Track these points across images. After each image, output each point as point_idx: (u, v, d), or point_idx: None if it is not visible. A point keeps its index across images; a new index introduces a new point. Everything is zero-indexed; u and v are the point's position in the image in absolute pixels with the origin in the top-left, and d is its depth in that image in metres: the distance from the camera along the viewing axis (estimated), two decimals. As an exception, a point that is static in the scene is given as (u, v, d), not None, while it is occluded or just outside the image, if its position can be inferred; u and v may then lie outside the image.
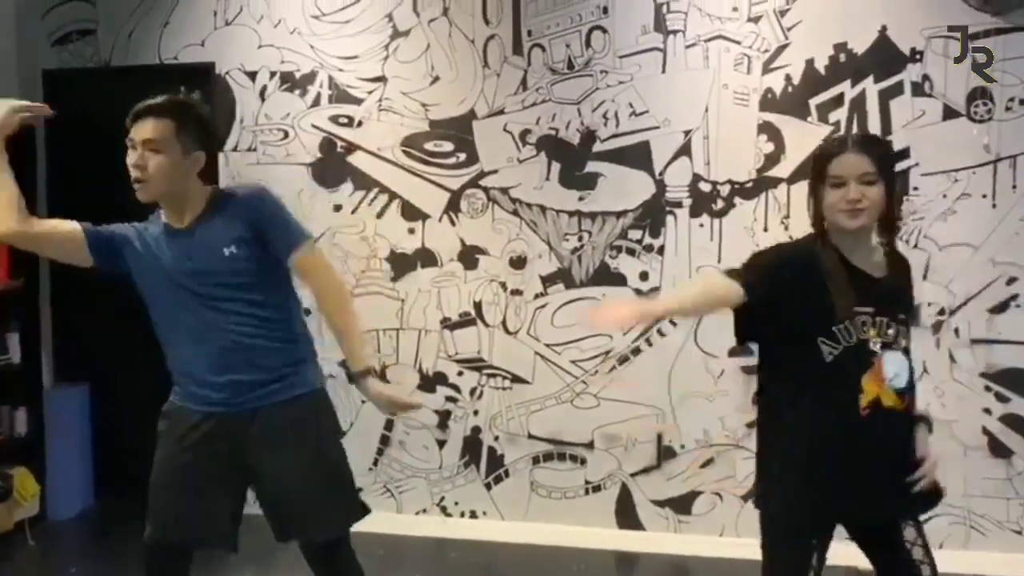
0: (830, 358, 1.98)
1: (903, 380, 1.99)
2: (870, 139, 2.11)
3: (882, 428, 1.99)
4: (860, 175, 1.97)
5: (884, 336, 2.00)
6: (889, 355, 1.99)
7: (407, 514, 4.01)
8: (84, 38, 4.22)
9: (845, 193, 1.97)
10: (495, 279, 3.92)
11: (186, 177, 2.26)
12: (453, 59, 3.88)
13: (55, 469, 4.11)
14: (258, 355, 2.25)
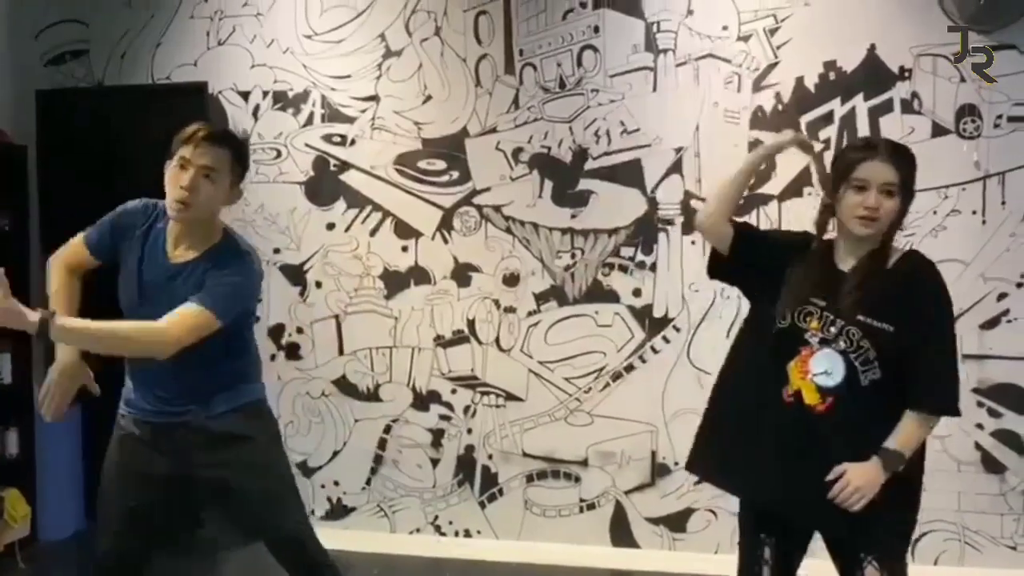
0: (773, 331, 2.04)
1: (831, 380, 1.96)
2: (900, 150, 2.06)
3: (798, 423, 1.99)
4: (884, 183, 1.98)
5: (825, 332, 1.99)
6: (824, 352, 1.98)
7: (401, 533, 3.99)
8: (77, 58, 4.23)
9: (866, 198, 1.98)
10: (488, 296, 3.92)
11: (218, 208, 2.30)
12: (445, 78, 3.90)
13: (46, 490, 4.07)
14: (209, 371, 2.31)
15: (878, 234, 2.02)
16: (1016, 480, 3.53)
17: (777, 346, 2.04)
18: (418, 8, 3.90)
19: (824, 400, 1.98)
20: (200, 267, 2.26)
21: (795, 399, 2.01)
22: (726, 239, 2.19)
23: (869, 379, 1.97)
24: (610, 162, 3.78)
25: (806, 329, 2.01)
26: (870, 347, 1.96)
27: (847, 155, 2.07)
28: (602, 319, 3.83)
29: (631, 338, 3.81)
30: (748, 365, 2.14)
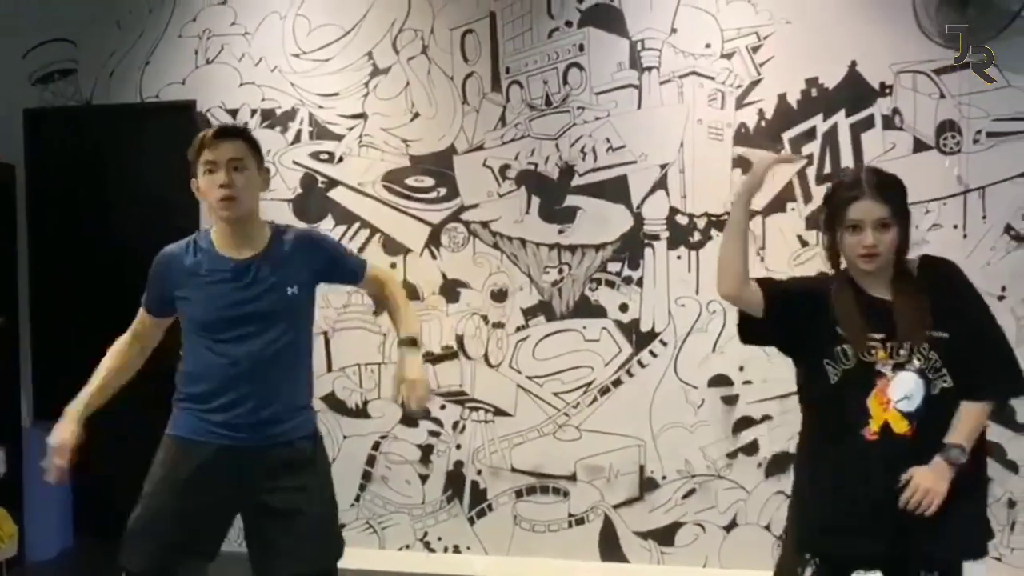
0: (835, 379, 2.03)
1: (913, 404, 1.97)
2: (885, 183, 2.06)
3: (891, 455, 1.98)
4: (876, 220, 2.01)
5: (895, 357, 1.99)
6: (900, 376, 1.98)
7: (390, 550, 3.99)
8: (66, 77, 4.25)
9: (863, 238, 2.01)
10: (477, 312, 3.94)
11: (258, 196, 2.35)
12: (433, 96, 3.93)
13: (33, 509, 4.05)
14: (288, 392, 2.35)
15: (884, 265, 2.05)
16: (1001, 491, 3.55)
17: (844, 390, 2.03)
18: (405, 27, 3.94)
19: (911, 424, 1.99)
20: (268, 264, 2.29)
21: (881, 433, 2.00)
22: (756, 303, 2.13)
23: (940, 388, 2.00)
24: (596, 178, 3.82)
25: (875, 361, 2.01)
26: (938, 357, 1.99)
27: (837, 196, 2.09)
28: (590, 334, 3.85)
29: (618, 352, 3.83)
30: (818, 422, 2.11)
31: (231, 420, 2.30)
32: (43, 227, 4.30)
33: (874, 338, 2.02)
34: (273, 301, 2.29)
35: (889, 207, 2.02)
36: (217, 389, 2.31)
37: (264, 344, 2.29)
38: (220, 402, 2.31)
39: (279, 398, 2.32)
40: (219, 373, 2.30)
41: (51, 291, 4.32)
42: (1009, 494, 3.55)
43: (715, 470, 3.74)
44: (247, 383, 2.29)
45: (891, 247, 2.03)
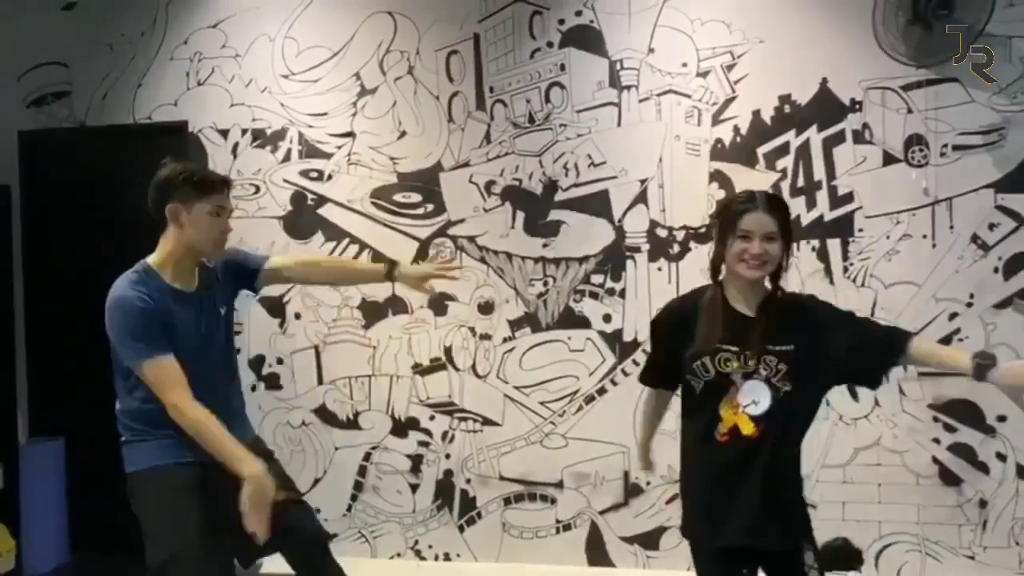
0: (698, 391, 2.25)
1: (760, 408, 2.15)
2: (776, 201, 2.28)
3: (738, 454, 2.17)
4: (765, 233, 2.20)
5: (745, 367, 2.18)
6: (748, 384, 2.17)
7: (382, 558, 4.07)
8: (59, 99, 4.34)
9: (751, 247, 2.20)
10: (464, 324, 4.04)
11: None
12: (419, 115, 4.04)
13: (30, 524, 4.12)
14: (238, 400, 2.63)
15: (765, 276, 2.24)
16: (972, 492, 3.67)
17: (705, 397, 2.23)
18: (392, 48, 4.05)
19: (758, 427, 2.17)
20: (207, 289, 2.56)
21: (730, 435, 2.19)
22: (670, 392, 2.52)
23: (783, 392, 2.18)
24: (579, 193, 3.93)
25: (729, 372, 2.20)
26: (784, 367, 2.18)
27: (731, 208, 2.27)
28: (574, 344, 3.96)
29: (603, 362, 3.93)
30: (687, 430, 2.35)
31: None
32: (38, 247, 4.37)
33: (730, 350, 2.20)
34: (225, 324, 2.59)
35: (777, 223, 2.21)
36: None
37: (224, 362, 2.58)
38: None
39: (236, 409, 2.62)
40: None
41: (46, 310, 4.39)
42: (980, 494, 3.66)
43: (697, 475, 3.84)
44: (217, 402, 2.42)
45: (775, 258, 2.21)
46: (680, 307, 2.39)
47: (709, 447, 2.23)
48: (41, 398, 4.39)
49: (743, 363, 2.19)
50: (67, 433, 4.34)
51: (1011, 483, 3.64)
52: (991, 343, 3.63)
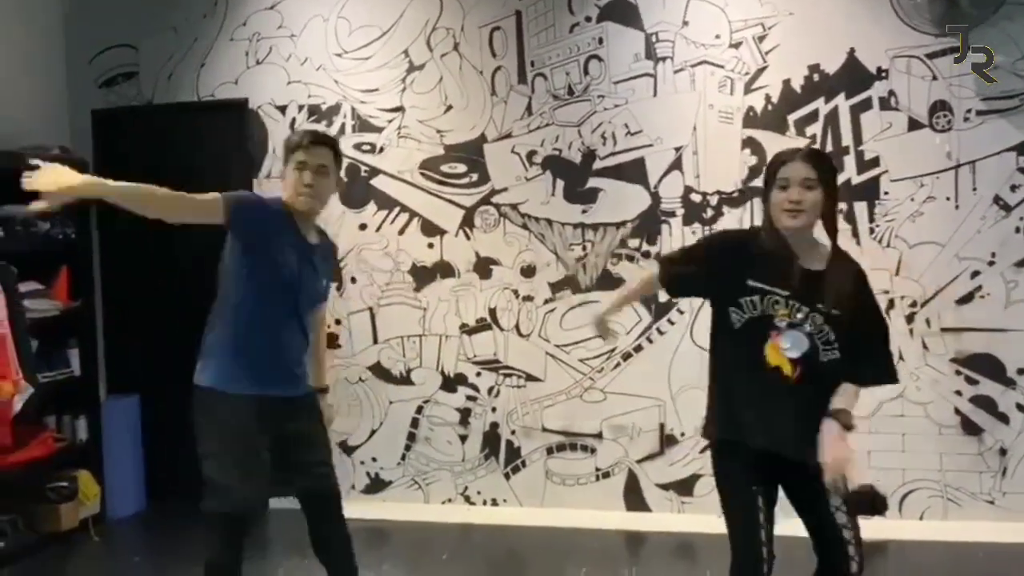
0: (738, 325, 2.31)
1: (795, 352, 2.26)
2: (817, 153, 2.38)
3: (779, 389, 2.29)
4: (802, 179, 2.25)
5: (792, 318, 2.27)
6: (790, 332, 2.27)
7: (434, 503, 4.37)
8: (128, 80, 4.64)
9: (789, 194, 2.26)
10: (508, 287, 4.28)
11: (329, 199, 2.76)
12: (464, 89, 4.27)
13: (112, 473, 4.47)
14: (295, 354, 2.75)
15: (806, 226, 2.28)
16: (992, 441, 3.86)
17: (745, 332, 2.31)
18: (438, 26, 4.28)
19: (795, 371, 2.29)
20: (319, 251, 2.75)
21: (775, 372, 2.30)
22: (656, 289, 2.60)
23: (828, 358, 2.27)
24: (616, 161, 4.14)
25: (775, 315, 2.29)
26: (830, 331, 2.27)
27: (772, 161, 2.35)
28: (612, 305, 4.19)
29: (639, 321, 4.16)
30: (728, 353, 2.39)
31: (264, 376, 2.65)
32: (111, 218, 4.68)
33: (781, 294, 2.26)
34: (315, 285, 2.74)
35: (816, 171, 2.26)
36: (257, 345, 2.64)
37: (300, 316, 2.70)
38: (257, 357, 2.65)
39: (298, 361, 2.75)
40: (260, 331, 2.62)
41: (120, 277, 4.72)
42: (1000, 443, 3.85)
43: (729, 426, 4.06)
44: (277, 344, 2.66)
45: (814, 206, 2.25)
46: (738, 237, 2.47)
47: (751, 373, 2.30)
48: (117, 359, 4.73)
49: (791, 312, 2.25)
50: (141, 390, 4.68)
51: (1030, 432, 3.83)
52: (1011, 299, 3.80)
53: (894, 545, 3.71)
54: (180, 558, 3.90)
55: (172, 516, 4.49)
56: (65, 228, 4.26)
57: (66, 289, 4.29)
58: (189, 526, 4.25)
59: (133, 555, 4.17)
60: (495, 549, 4.03)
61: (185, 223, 2.59)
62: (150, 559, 4.10)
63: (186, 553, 3.94)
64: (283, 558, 3.83)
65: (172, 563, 3.88)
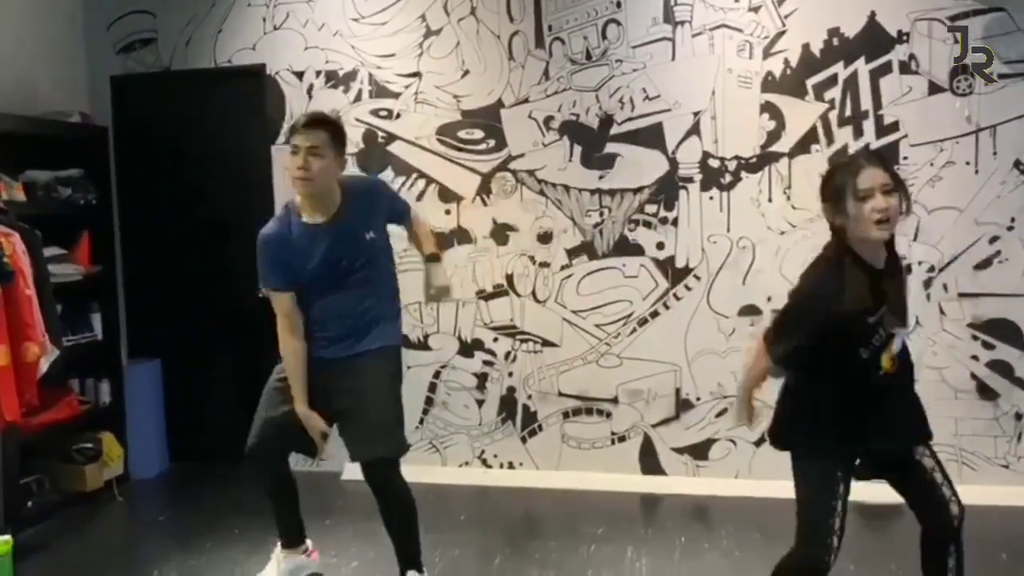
0: (865, 355, 2.26)
1: (899, 347, 2.30)
2: (879, 154, 2.45)
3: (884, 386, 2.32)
4: (882, 185, 2.15)
5: (895, 324, 2.28)
6: (899, 333, 2.30)
7: (451, 466, 4.43)
8: (146, 46, 4.65)
9: (875, 203, 2.13)
10: (525, 253, 4.30)
11: (333, 178, 2.85)
12: (481, 54, 4.26)
13: (135, 435, 4.55)
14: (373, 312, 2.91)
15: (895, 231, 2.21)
16: (1008, 405, 3.87)
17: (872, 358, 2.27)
18: (455, -10, 4.27)
19: (894, 364, 2.31)
20: (345, 219, 2.83)
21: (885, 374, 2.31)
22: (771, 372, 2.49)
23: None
24: (633, 127, 4.13)
25: (887, 326, 2.26)
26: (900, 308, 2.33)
27: (839, 176, 2.22)
28: (629, 271, 4.20)
29: (655, 287, 4.18)
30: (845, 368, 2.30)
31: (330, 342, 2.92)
32: (131, 184, 4.73)
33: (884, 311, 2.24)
34: (367, 248, 2.84)
35: (888, 173, 2.18)
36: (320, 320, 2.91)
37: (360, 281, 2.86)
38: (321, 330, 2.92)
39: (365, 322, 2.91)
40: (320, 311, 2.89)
41: (140, 242, 4.76)
42: (1016, 408, 3.86)
43: (745, 391, 4.09)
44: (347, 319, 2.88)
45: (897, 212, 2.16)
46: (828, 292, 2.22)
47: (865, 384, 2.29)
48: (138, 324, 4.79)
49: (892, 321, 2.26)
50: (163, 355, 4.74)
51: (1046, 397, 3.84)
52: (1030, 264, 3.80)
53: (908, 509, 3.73)
54: (202, 517, 3.99)
55: (194, 477, 4.58)
56: (86, 193, 4.30)
57: (88, 254, 4.34)
58: (210, 486, 4.37)
59: (157, 515, 4.25)
60: (511, 511, 4.08)
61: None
62: (173, 518, 4.17)
63: (208, 512, 4.04)
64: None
65: (194, 522, 3.96)
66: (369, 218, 2.90)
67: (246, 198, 4.50)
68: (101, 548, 3.77)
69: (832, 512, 2.33)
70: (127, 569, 3.50)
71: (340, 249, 2.83)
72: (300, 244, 2.83)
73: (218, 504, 4.13)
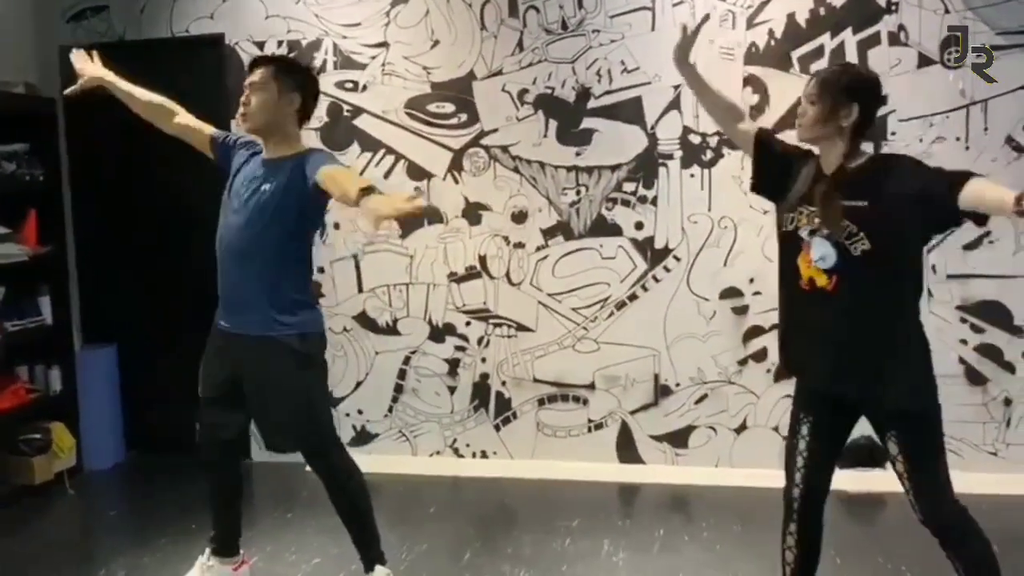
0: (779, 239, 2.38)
1: (828, 263, 2.22)
2: (831, 68, 2.41)
3: (817, 304, 2.26)
4: (807, 95, 2.32)
5: (811, 224, 2.26)
6: (815, 240, 2.25)
7: (422, 456, 4.26)
8: (98, 14, 4.40)
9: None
10: (498, 233, 4.12)
11: (279, 115, 2.71)
12: (452, 23, 4.05)
13: (88, 424, 4.33)
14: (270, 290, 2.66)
15: (807, 136, 2.33)
16: (997, 391, 3.75)
17: (787, 247, 2.35)
18: (424, -45, 4.05)
19: (831, 280, 2.24)
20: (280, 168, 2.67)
21: (810, 286, 2.28)
22: (745, 141, 2.50)
23: (860, 250, 2.18)
24: (611, 100, 3.96)
25: (799, 227, 2.29)
26: (849, 223, 2.19)
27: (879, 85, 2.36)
28: (606, 251, 4.04)
29: (634, 269, 4.02)
30: (780, 270, 2.41)
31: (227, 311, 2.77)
32: (82, 160, 4.49)
33: (800, 208, 2.30)
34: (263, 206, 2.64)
35: (817, 85, 2.29)
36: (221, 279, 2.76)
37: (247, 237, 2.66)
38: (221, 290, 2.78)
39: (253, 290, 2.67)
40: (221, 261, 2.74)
41: (93, 222, 4.53)
42: (1005, 393, 3.75)
43: (726, 376, 3.95)
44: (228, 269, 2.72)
45: (810, 119, 2.29)
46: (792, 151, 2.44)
47: (791, 294, 2.33)
48: (92, 307, 4.57)
49: (809, 220, 2.26)
50: (119, 339, 4.52)
51: (1036, 382, 3.72)
52: (1021, 245, 3.67)
53: (893, 498, 3.56)
54: (158, 511, 3.79)
55: (151, 468, 4.38)
56: (33, 169, 4.06)
57: (35, 234, 4.10)
58: (168, 478, 4.17)
59: (109, 509, 4.05)
60: (485, 502, 3.92)
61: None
62: (127, 513, 3.98)
63: (164, 506, 3.84)
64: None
65: (149, 516, 3.75)
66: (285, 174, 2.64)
67: (205, 175, 4.24)
68: (48, 544, 3.56)
69: (792, 449, 2.38)
70: (73, 567, 3.29)
71: (257, 188, 2.67)
72: (249, 160, 2.78)
73: (176, 498, 3.93)
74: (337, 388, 4.28)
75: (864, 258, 2.18)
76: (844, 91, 2.27)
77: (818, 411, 2.35)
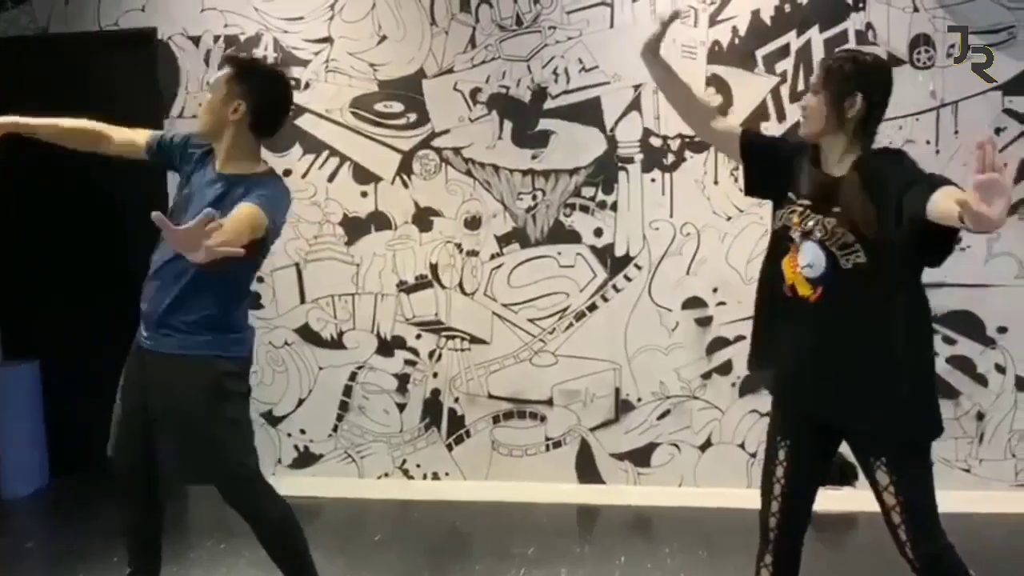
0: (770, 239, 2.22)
1: (816, 272, 2.05)
2: (837, 54, 2.23)
3: (798, 314, 2.10)
4: (811, 85, 2.18)
5: (803, 227, 2.08)
6: (806, 244, 2.07)
7: (369, 478, 4.01)
8: (19, 5, 4.10)
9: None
10: (450, 240, 3.91)
11: (221, 120, 2.45)
12: (400, 18, 3.84)
13: (8, 448, 4.04)
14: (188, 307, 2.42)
15: (815, 131, 2.13)
16: (969, 404, 3.62)
17: (774, 246, 2.18)
18: (370, -54, 3.84)
19: (815, 291, 2.07)
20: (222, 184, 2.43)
21: (792, 292, 2.12)
22: (726, 141, 2.34)
23: (853, 263, 2.02)
24: (569, 100, 3.77)
25: (790, 227, 2.11)
26: (846, 232, 2.02)
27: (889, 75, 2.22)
28: (564, 260, 3.85)
29: (593, 278, 3.83)
30: (762, 269, 2.25)
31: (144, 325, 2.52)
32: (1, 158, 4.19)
33: (800, 204, 2.12)
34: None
35: (821, 74, 2.14)
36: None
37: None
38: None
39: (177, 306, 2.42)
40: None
41: (13, 229, 4.24)
42: (978, 407, 3.62)
43: (690, 391, 3.77)
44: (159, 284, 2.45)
45: (814, 111, 2.12)
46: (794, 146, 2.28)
47: (771, 298, 2.18)
48: (14, 320, 4.27)
49: (802, 221, 2.09)
50: (43, 356, 4.22)
51: (1009, 395, 3.61)
52: (993, 251, 3.56)
53: (864, 517, 3.43)
54: (77, 542, 3.50)
55: (76, 495, 4.07)
56: (-57, 172, 3.75)
57: (-55, 241, 3.79)
58: (93, 505, 3.87)
59: (25, 540, 3.72)
60: (436, 527, 3.70)
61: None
62: (44, 543, 3.67)
63: (85, 536, 3.55)
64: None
65: (67, 548, 3.47)
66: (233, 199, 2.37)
67: (136, 179, 3.97)
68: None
69: (769, 475, 2.19)
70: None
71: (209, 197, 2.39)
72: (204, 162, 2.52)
73: (100, 526, 3.63)
74: (278, 406, 4.03)
75: (855, 272, 2.01)
76: (848, 79, 2.08)
77: (796, 433, 2.16)
